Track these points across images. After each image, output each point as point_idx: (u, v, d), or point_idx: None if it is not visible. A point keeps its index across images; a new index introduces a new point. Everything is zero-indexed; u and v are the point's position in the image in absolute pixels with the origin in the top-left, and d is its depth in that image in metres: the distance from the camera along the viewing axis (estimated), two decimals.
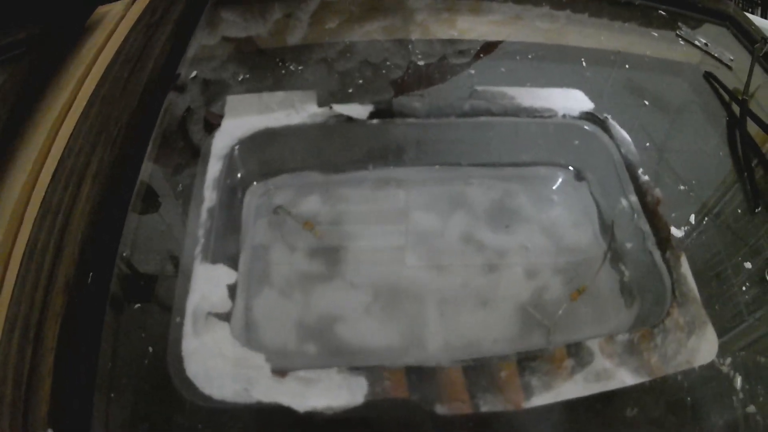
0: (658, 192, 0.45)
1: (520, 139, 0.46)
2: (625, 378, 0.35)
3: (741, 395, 0.37)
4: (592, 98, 0.49)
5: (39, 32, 0.51)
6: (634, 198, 0.46)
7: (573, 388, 0.34)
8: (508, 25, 0.59)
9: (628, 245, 0.46)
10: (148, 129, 0.45)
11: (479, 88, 0.46)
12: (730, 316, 0.41)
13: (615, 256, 0.47)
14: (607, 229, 0.47)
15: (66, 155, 0.40)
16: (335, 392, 0.33)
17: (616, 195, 0.47)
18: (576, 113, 0.46)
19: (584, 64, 0.55)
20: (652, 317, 0.41)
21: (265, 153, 0.50)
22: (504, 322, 0.43)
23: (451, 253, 0.45)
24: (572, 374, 0.35)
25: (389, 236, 0.48)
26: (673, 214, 0.46)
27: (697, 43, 0.70)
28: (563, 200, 0.48)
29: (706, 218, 0.47)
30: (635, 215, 0.45)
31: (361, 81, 0.51)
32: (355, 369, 0.35)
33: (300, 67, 0.52)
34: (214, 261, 0.40)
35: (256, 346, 0.41)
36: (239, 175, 0.49)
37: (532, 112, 0.45)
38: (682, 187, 0.50)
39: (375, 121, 0.47)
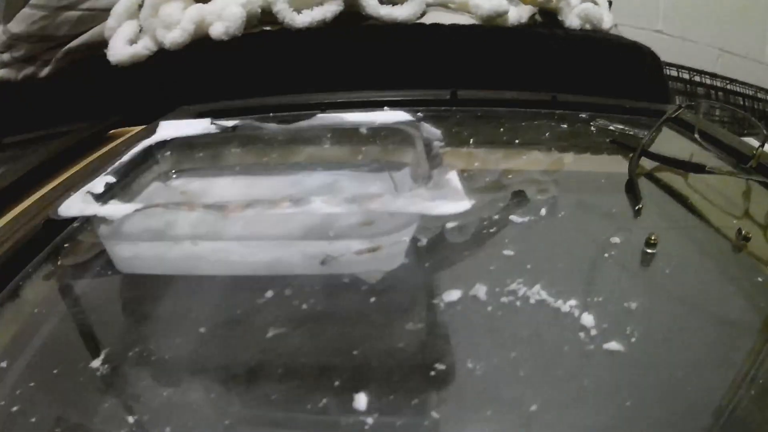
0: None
1: (346, 143, 0.53)
2: None
3: None
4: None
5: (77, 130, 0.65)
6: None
7: None
8: None
9: None
10: None
11: (319, 114, 0.56)
12: None
13: None
14: None
15: None
16: None
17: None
18: (392, 121, 0.53)
19: None
20: None
21: None
22: None
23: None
24: None
25: None
26: None
27: (612, 128, 0.73)
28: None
29: None
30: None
31: None
32: None
33: None
34: None
35: None
36: None
37: (357, 125, 0.54)
38: None
39: None
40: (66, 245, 0.44)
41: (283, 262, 0.38)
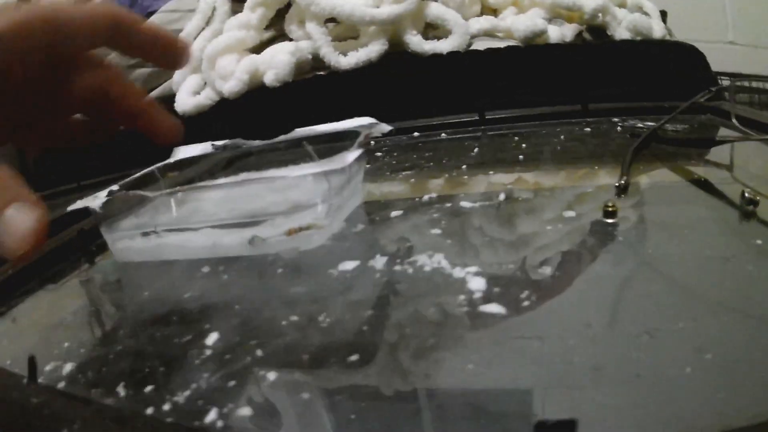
0: None
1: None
2: None
3: None
4: None
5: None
6: None
7: None
8: None
9: None
10: None
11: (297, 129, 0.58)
12: None
13: None
14: None
15: None
16: None
17: None
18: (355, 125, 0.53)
19: None
20: None
21: None
22: None
23: None
24: None
25: None
26: None
27: (640, 125, 0.68)
28: None
29: None
30: None
31: None
32: None
33: None
34: None
35: None
36: None
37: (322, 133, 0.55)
38: None
39: None
40: None
41: (222, 245, 0.41)
